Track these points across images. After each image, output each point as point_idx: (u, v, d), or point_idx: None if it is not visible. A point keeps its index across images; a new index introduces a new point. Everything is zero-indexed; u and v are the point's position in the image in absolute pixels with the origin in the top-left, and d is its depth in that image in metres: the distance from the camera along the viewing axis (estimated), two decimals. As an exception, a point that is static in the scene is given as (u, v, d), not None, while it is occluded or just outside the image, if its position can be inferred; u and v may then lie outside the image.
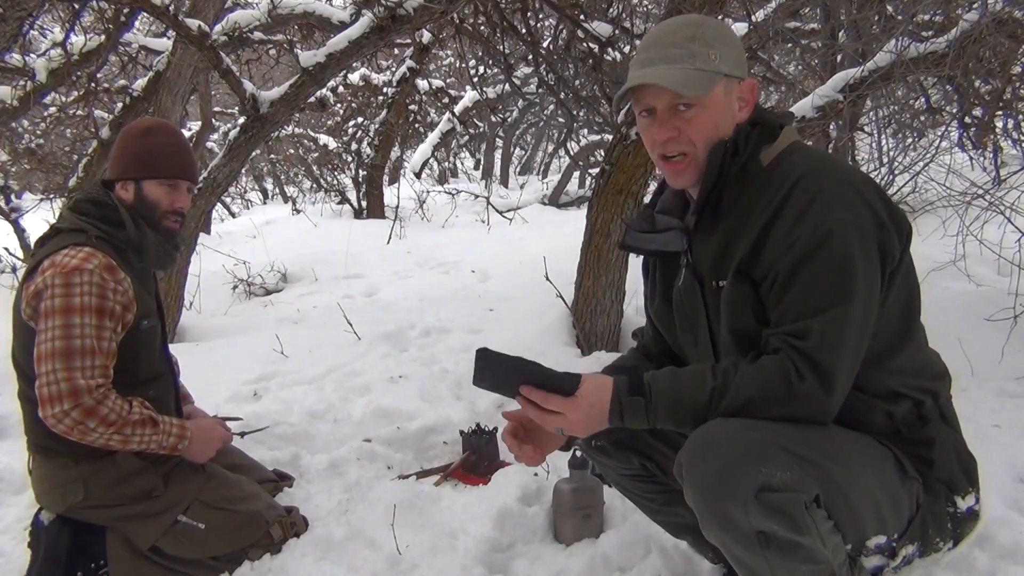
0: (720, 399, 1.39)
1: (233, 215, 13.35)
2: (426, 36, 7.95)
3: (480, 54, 6.45)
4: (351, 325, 4.07)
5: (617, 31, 4.37)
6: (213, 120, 8.49)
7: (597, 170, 4.33)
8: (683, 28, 1.49)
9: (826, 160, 1.46)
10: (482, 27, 4.93)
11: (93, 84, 5.57)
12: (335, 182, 11.53)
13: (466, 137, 13.46)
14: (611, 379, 1.47)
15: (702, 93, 1.45)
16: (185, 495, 2.10)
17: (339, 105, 10.63)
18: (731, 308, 1.47)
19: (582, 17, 4.30)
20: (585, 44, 4.46)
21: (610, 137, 4.19)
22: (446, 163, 15.50)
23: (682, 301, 1.60)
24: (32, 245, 2.16)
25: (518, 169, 17.17)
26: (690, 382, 1.42)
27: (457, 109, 9.93)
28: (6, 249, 6.25)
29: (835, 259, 1.35)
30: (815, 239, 1.35)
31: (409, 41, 8.29)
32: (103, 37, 5.07)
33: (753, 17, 4.14)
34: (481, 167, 15.99)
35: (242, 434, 2.64)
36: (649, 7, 6.52)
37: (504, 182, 13.98)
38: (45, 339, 1.91)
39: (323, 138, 11.55)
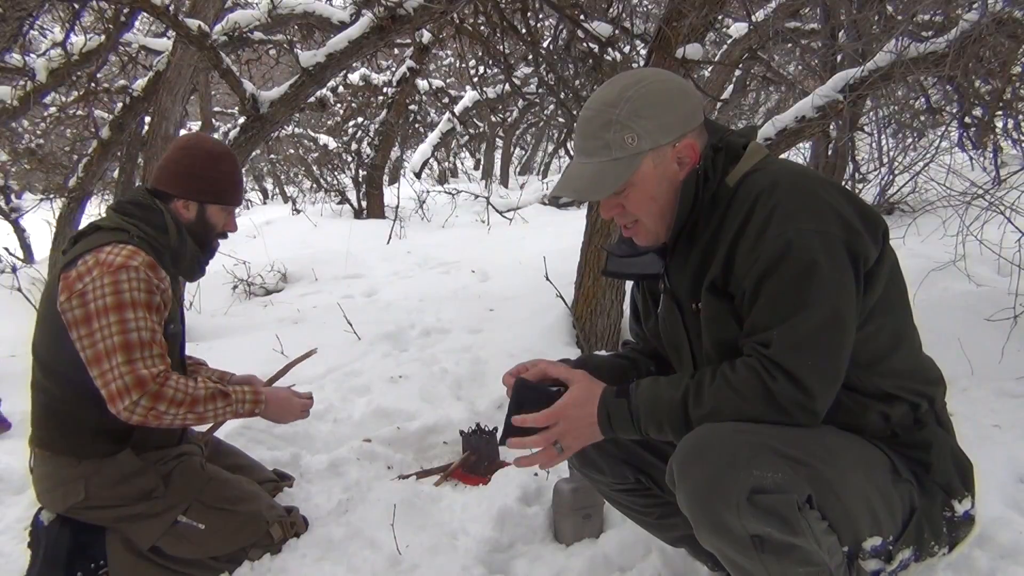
0: (697, 397, 1.41)
1: (233, 215, 13.32)
2: (426, 36, 7.95)
3: (480, 54, 6.44)
4: (351, 325, 4.07)
5: (617, 31, 4.37)
6: (213, 120, 8.48)
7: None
8: (599, 113, 1.49)
9: (787, 172, 1.46)
10: (482, 27, 4.92)
11: (93, 84, 5.57)
12: (335, 182, 11.53)
13: (466, 137, 13.46)
14: (600, 387, 1.51)
15: (621, 184, 1.48)
16: (185, 495, 2.11)
17: (339, 105, 10.63)
18: (713, 325, 1.49)
19: (582, 17, 4.29)
20: (585, 44, 4.46)
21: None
22: (446, 163, 15.51)
23: (665, 325, 1.63)
24: (70, 239, 2.19)
25: (518, 169, 17.17)
26: (667, 384, 1.47)
27: (457, 109, 9.93)
28: (6, 249, 6.25)
29: (796, 268, 1.36)
30: (775, 251, 1.37)
31: (409, 41, 8.30)
32: (103, 37, 5.07)
33: (753, 17, 4.14)
34: (481, 167, 16.00)
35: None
36: (649, 7, 6.52)
37: (504, 182, 13.98)
38: (101, 337, 1.92)
39: (323, 138, 11.55)
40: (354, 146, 10.42)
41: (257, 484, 2.31)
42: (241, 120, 4.21)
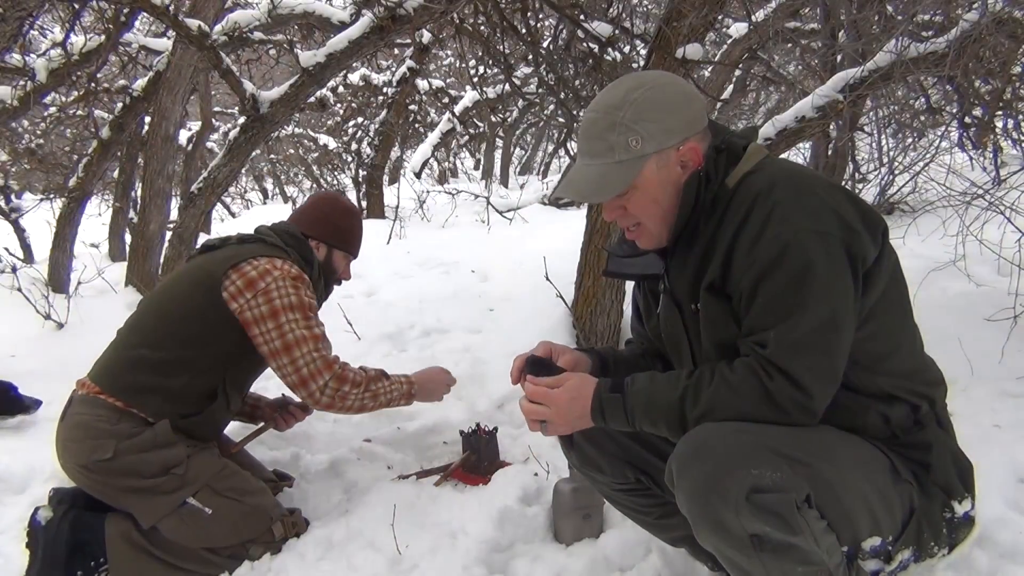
0: (695, 397, 1.42)
1: (233, 215, 13.35)
2: (426, 36, 7.94)
3: (480, 54, 6.44)
4: (351, 325, 4.07)
5: (617, 31, 4.36)
6: (213, 120, 8.49)
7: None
8: (604, 115, 1.50)
9: (786, 173, 1.46)
10: (482, 27, 4.92)
11: (93, 84, 5.56)
12: (335, 182, 11.52)
13: (466, 137, 13.45)
14: (593, 382, 1.53)
15: (624, 186, 1.49)
16: (198, 477, 2.14)
17: (339, 105, 10.62)
18: (712, 325, 1.49)
19: (582, 17, 4.29)
20: (585, 44, 4.45)
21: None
22: (446, 163, 15.50)
23: (664, 325, 1.64)
24: (221, 238, 2.44)
25: (518, 169, 17.15)
26: (664, 382, 1.47)
27: (457, 109, 9.91)
28: (6, 249, 6.24)
29: (794, 269, 1.36)
30: (772, 253, 1.37)
31: (409, 41, 8.28)
32: (103, 37, 5.06)
33: (753, 17, 4.14)
34: (481, 167, 15.99)
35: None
36: (649, 7, 6.52)
37: (504, 182, 13.97)
38: (290, 329, 2.19)
39: (323, 138, 11.54)
40: (354, 146, 10.41)
41: (263, 482, 2.33)
42: (241, 120, 4.21)
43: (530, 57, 4.95)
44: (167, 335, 2.22)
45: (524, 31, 4.61)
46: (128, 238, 6.98)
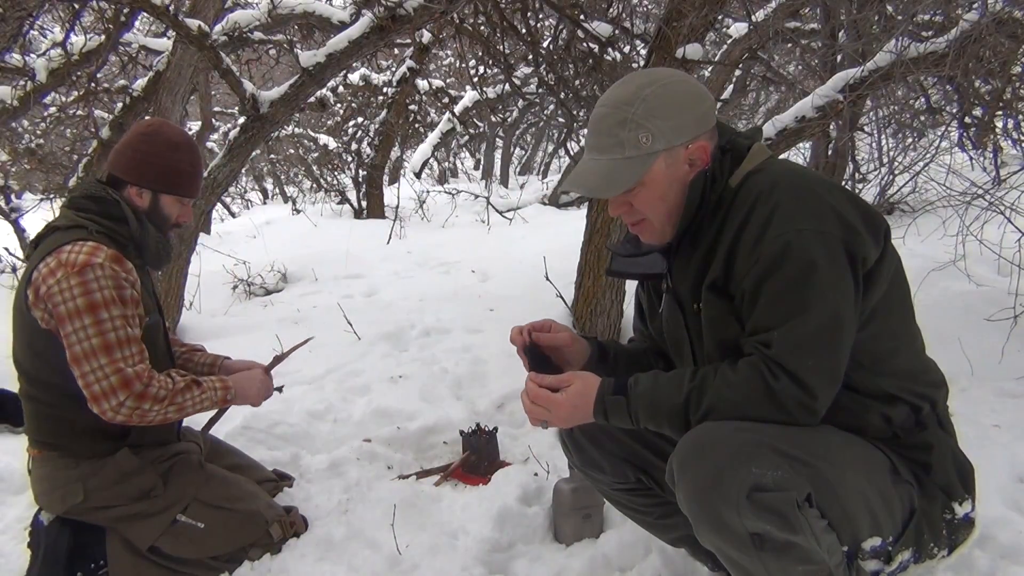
0: (699, 400, 1.42)
1: (233, 215, 13.35)
2: (426, 36, 7.95)
3: (480, 54, 6.44)
4: (351, 325, 4.07)
5: (617, 31, 4.37)
6: (213, 120, 8.48)
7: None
8: (615, 111, 1.49)
9: (787, 173, 1.47)
10: (482, 27, 4.93)
11: (93, 84, 5.56)
12: (335, 182, 11.52)
13: (466, 137, 13.45)
14: (598, 379, 1.52)
15: (632, 183, 1.48)
16: (184, 494, 2.11)
17: (339, 105, 10.61)
18: (714, 325, 1.50)
19: (582, 17, 4.30)
20: (585, 44, 4.46)
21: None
22: (446, 163, 15.51)
23: (667, 325, 1.64)
24: (30, 243, 2.15)
25: (518, 169, 17.16)
26: (668, 384, 1.47)
27: (457, 109, 9.91)
28: (6, 249, 6.24)
29: (796, 269, 1.37)
30: (774, 253, 1.38)
31: (409, 41, 8.29)
32: (103, 37, 5.06)
33: (753, 17, 4.14)
34: (481, 167, 16.00)
35: (280, 388, 2.40)
36: (649, 7, 6.52)
37: (504, 182, 13.97)
38: (79, 339, 1.90)
39: (323, 138, 11.53)
40: (354, 146, 10.42)
41: (256, 484, 2.32)
42: (241, 120, 4.21)
43: (530, 57, 4.95)
44: (33, 370, 2.05)
45: (524, 31, 4.62)
46: (128, 238, 6.97)
